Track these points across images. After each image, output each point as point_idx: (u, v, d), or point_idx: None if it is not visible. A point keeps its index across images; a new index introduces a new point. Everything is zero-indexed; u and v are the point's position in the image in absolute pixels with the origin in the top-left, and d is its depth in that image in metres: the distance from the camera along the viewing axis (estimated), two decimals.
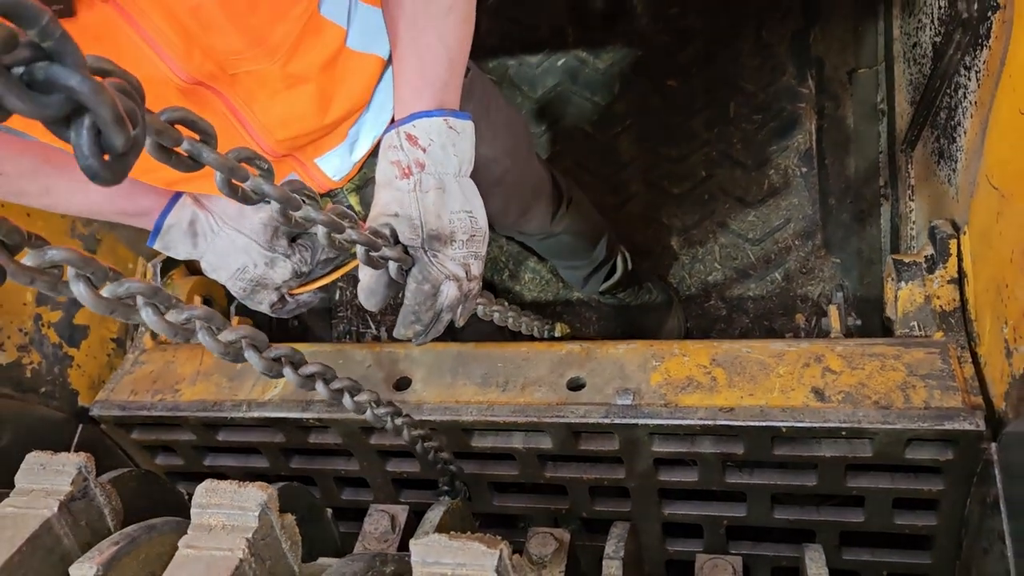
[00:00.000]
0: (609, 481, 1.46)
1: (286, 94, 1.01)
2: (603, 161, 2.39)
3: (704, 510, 1.49)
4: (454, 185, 1.02)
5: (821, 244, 2.22)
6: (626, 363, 1.47)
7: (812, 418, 1.22)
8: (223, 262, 1.17)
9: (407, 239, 0.99)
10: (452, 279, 1.00)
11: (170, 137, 0.67)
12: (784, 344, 1.44)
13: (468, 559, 0.80)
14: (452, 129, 1.02)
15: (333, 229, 0.86)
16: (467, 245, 1.02)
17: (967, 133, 1.43)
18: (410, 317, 1.02)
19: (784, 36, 2.30)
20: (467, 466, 1.53)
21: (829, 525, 1.42)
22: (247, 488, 0.95)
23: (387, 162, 1.02)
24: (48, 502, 1.03)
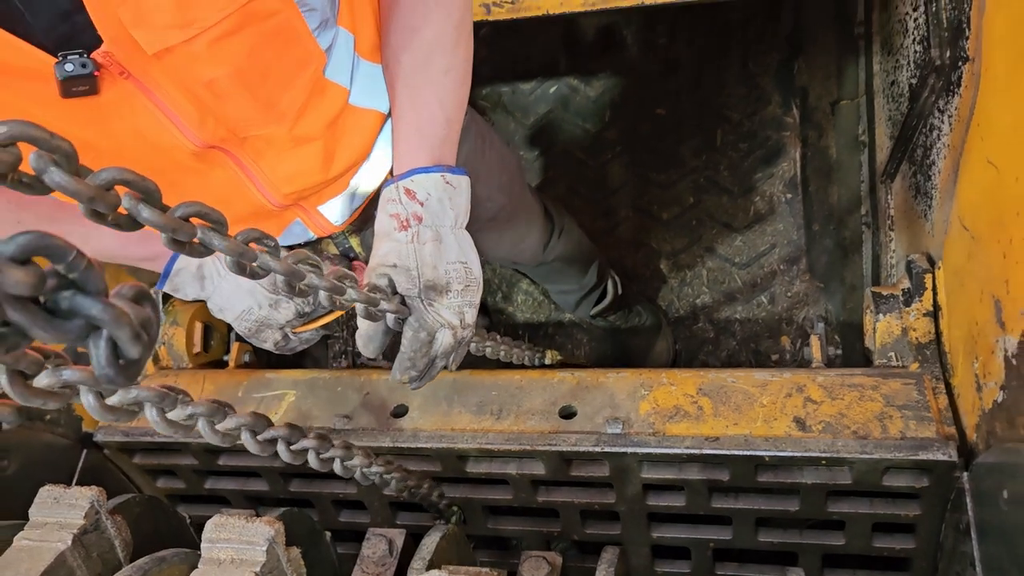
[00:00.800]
0: (600, 505, 1.51)
1: (293, 152, 1.06)
2: (594, 186, 2.45)
3: (691, 533, 1.54)
4: (450, 237, 1.07)
5: (806, 269, 2.29)
6: (616, 392, 1.53)
7: (794, 447, 1.28)
8: (229, 304, 1.22)
9: (404, 289, 1.03)
10: (447, 327, 1.04)
11: (185, 232, 0.71)
12: (768, 374, 1.50)
13: None
14: (449, 184, 1.07)
15: (335, 293, 0.91)
16: (462, 294, 1.06)
17: (941, 173, 1.49)
18: (406, 363, 1.06)
19: (769, 66, 2.36)
20: (462, 491, 1.58)
21: (811, 548, 1.48)
22: (255, 523, 1.00)
23: (386, 215, 1.06)
24: (62, 535, 1.07)
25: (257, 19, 0.88)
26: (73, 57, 0.80)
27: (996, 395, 1.18)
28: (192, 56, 0.86)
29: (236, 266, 0.80)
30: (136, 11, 0.79)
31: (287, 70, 0.96)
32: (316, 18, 0.95)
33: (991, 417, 1.21)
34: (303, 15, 0.93)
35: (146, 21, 0.81)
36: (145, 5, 0.79)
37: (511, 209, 1.62)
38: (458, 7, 1.08)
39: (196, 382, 1.78)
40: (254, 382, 1.74)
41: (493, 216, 1.59)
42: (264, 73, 0.94)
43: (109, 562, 1.14)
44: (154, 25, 0.81)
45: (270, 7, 0.88)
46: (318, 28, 0.97)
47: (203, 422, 0.83)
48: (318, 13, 0.95)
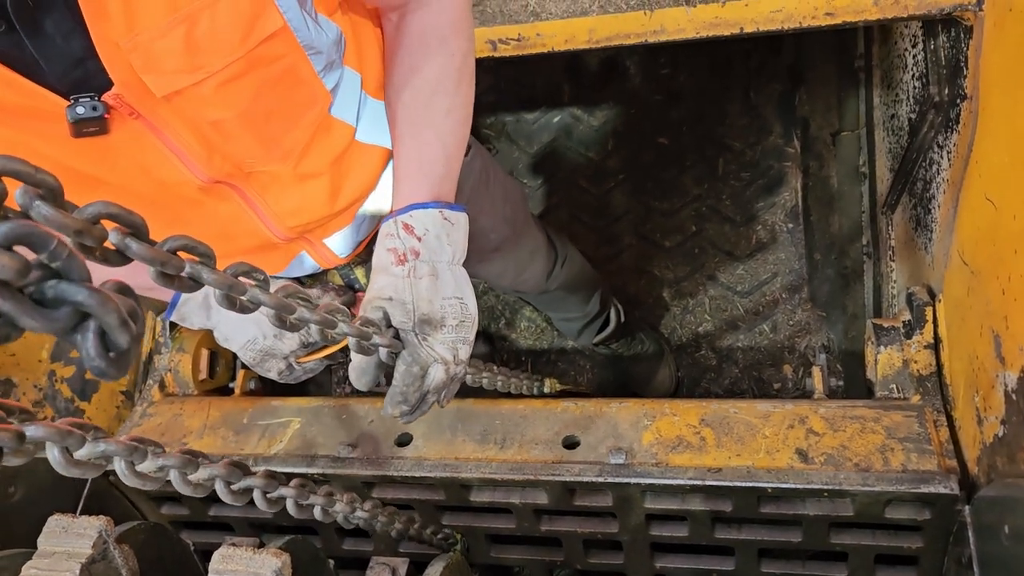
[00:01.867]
0: (603, 535, 1.52)
1: (298, 187, 1.08)
2: (597, 214, 2.48)
3: (694, 563, 1.54)
4: (447, 273, 1.07)
5: (807, 298, 2.30)
6: (619, 422, 1.54)
7: (796, 479, 1.28)
8: (234, 334, 1.24)
9: (399, 322, 1.03)
10: (440, 362, 1.04)
11: (173, 266, 0.71)
12: (770, 405, 1.51)
13: None
14: (447, 220, 1.08)
15: (326, 326, 0.90)
16: (456, 330, 1.07)
17: (941, 207, 1.51)
18: (397, 397, 1.06)
19: (771, 97, 2.39)
20: (465, 519, 1.58)
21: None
22: (262, 554, 1.01)
23: (384, 249, 1.07)
24: (70, 565, 1.08)
25: (263, 63, 0.90)
26: (85, 100, 0.83)
27: (997, 429, 1.19)
28: (200, 98, 0.88)
29: (225, 300, 0.81)
30: (147, 57, 0.81)
31: (292, 111, 0.99)
32: (322, 60, 0.97)
33: (992, 451, 1.22)
34: (309, 58, 0.95)
35: (156, 66, 0.83)
36: (155, 51, 0.81)
37: (515, 239, 1.64)
38: (460, 49, 1.10)
39: (201, 409, 1.79)
40: (259, 410, 1.75)
41: (497, 247, 1.61)
42: (269, 114, 0.96)
43: None
44: (163, 70, 0.84)
45: (276, 52, 0.90)
46: (324, 70, 0.99)
47: (175, 474, 0.82)
48: (324, 55, 0.97)
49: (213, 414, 1.77)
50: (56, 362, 1.65)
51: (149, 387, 1.88)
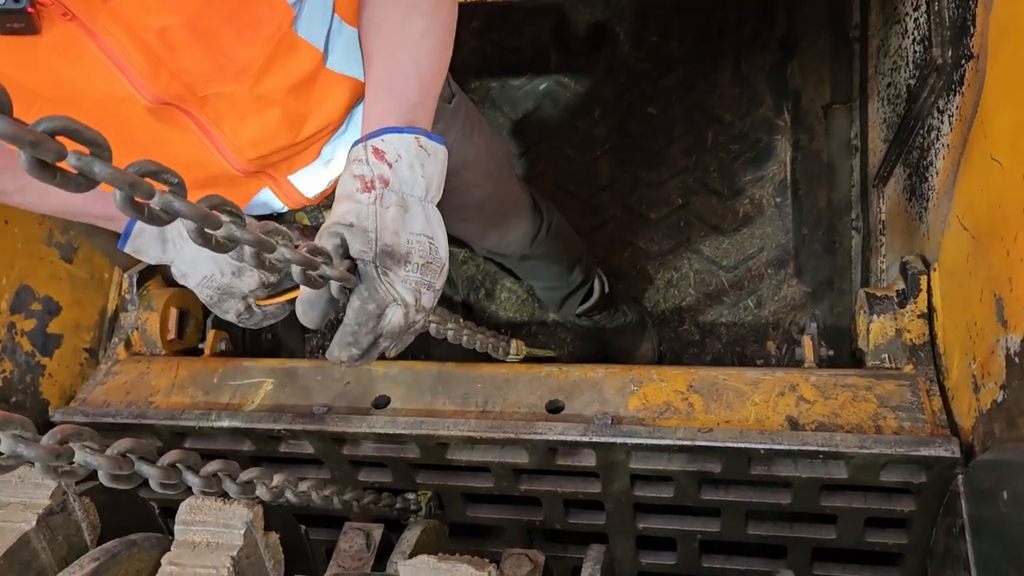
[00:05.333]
0: (584, 495, 1.47)
1: (256, 116, 1.00)
2: (581, 183, 2.43)
3: (678, 524, 1.51)
4: (418, 208, 0.97)
5: (793, 273, 2.27)
6: (604, 387, 1.49)
7: (790, 441, 1.24)
8: (191, 269, 1.16)
9: (357, 251, 0.92)
10: (400, 303, 0.93)
11: (142, 191, 0.65)
12: (760, 372, 1.47)
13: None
14: (423, 149, 0.99)
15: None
16: (422, 271, 0.96)
17: (939, 174, 1.48)
18: (347, 338, 0.94)
19: (762, 68, 2.35)
20: (441, 478, 1.53)
21: (801, 542, 1.45)
22: (232, 506, 0.95)
23: (350, 175, 0.97)
24: (26, 515, 1.02)
25: None
26: None
27: (996, 395, 1.16)
28: (142, 2, 0.81)
29: (199, 235, 0.74)
30: None
31: (247, 22, 0.90)
32: None
33: (989, 418, 1.19)
34: None
35: None
36: None
37: (499, 198, 1.58)
38: None
39: (170, 368, 1.72)
40: (230, 370, 1.68)
41: (480, 204, 1.55)
42: (220, 24, 0.88)
43: (76, 546, 1.09)
44: None
45: None
46: None
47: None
48: None
49: (181, 373, 1.70)
50: (16, 314, 1.57)
51: (114, 345, 1.80)
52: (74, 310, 1.72)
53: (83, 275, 1.75)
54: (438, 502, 1.56)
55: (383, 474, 1.57)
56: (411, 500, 1.50)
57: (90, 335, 1.76)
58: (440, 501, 1.57)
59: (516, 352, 1.66)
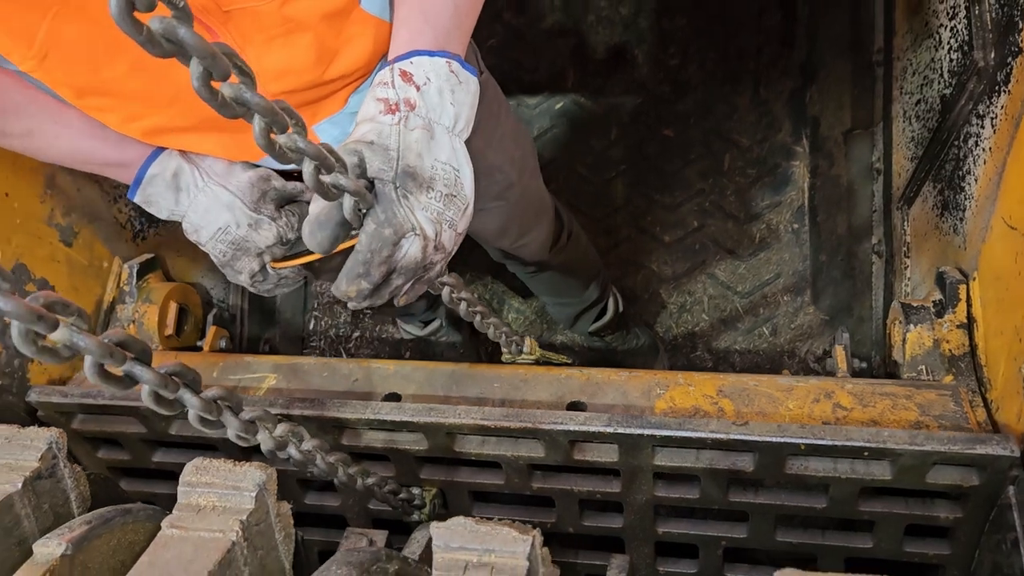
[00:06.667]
0: (602, 495, 1.37)
1: (283, 40, 0.94)
2: (595, 203, 2.38)
3: (702, 529, 1.41)
4: (445, 137, 0.89)
5: (810, 300, 2.22)
6: (628, 390, 1.42)
7: (834, 436, 1.16)
8: (205, 220, 1.10)
9: (376, 170, 0.83)
10: (418, 233, 0.84)
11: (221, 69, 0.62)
12: (792, 379, 1.40)
13: (498, 545, 0.73)
14: (454, 75, 0.90)
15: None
16: (446, 202, 0.87)
17: (978, 180, 1.44)
18: (358, 269, 0.84)
19: (781, 94, 2.33)
20: (448, 473, 1.43)
21: (834, 550, 1.35)
22: (244, 467, 0.86)
23: (373, 99, 0.89)
24: (11, 477, 0.93)
25: None
26: None
27: None
28: None
29: (263, 137, 0.69)
30: None
31: None
32: None
33: None
34: None
35: None
36: None
37: (520, 190, 1.52)
38: None
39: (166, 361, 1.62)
40: (231, 364, 1.59)
41: (502, 194, 1.49)
42: None
43: (61, 517, 0.99)
44: None
45: None
46: None
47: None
48: None
49: None
50: None
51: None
52: (70, 296, 1.62)
53: (82, 261, 1.67)
54: (442, 500, 1.46)
55: (385, 468, 1.46)
56: (416, 494, 1.40)
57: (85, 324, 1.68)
58: (444, 499, 1.47)
59: (529, 351, 1.57)
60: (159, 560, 0.78)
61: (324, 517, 1.54)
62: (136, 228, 1.82)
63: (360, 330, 2.47)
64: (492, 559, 0.73)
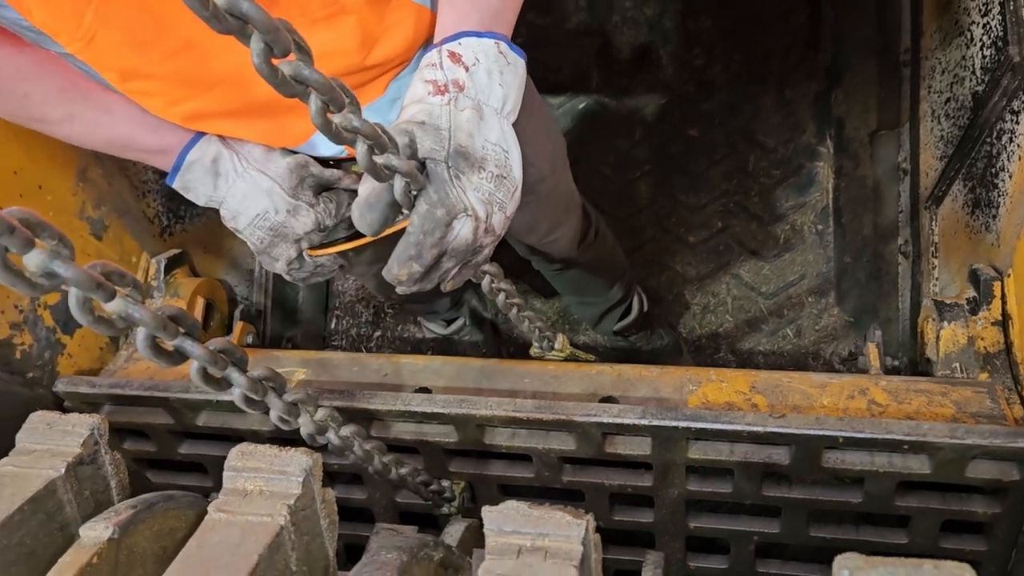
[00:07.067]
0: (633, 488, 1.36)
1: (327, 23, 0.94)
2: (619, 204, 2.37)
3: (734, 524, 1.40)
4: (494, 119, 0.88)
5: (834, 302, 2.21)
6: (660, 386, 1.41)
7: (873, 429, 1.15)
8: (243, 206, 1.10)
9: (428, 150, 0.82)
10: (470, 214, 0.83)
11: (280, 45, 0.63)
12: (826, 376, 1.39)
13: (552, 529, 0.72)
14: (503, 56, 0.90)
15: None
16: (496, 183, 0.86)
17: (1012, 176, 1.43)
18: (410, 251, 0.83)
19: (807, 95, 2.33)
20: (477, 466, 1.42)
21: (868, 546, 1.34)
22: (289, 452, 0.86)
23: (421, 80, 0.88)
24: (54, 462, 0.92)
25: None
26: None
27: None
28: None
29: (320, 115, 0.69)
30: None
31: None
32: None
33: None
34: None
35: None
36: None
37: (552, 185, 1.51)
38: None
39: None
40: (260, 359, 1.59)
41: (533, 187, 1.48)
42: None
43: (102, 504, 0.99)
44: None
45: None
46: None
47: None
48: None
49: None
50: None
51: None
52: None
53: (112, 255, 1.67)
54: (471, 494, 1.46)
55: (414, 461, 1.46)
56: (446, 487, 1.40)
57: None
58: (473, 493, 1.46)
59: (560, 348, 1.56)
60: (207, 543, 0.78)
61: (349, 510, 1.53)
62: (163, 223, 1.82)
63: (381, 329, 2.47)
64: (546, 543, 0.72)
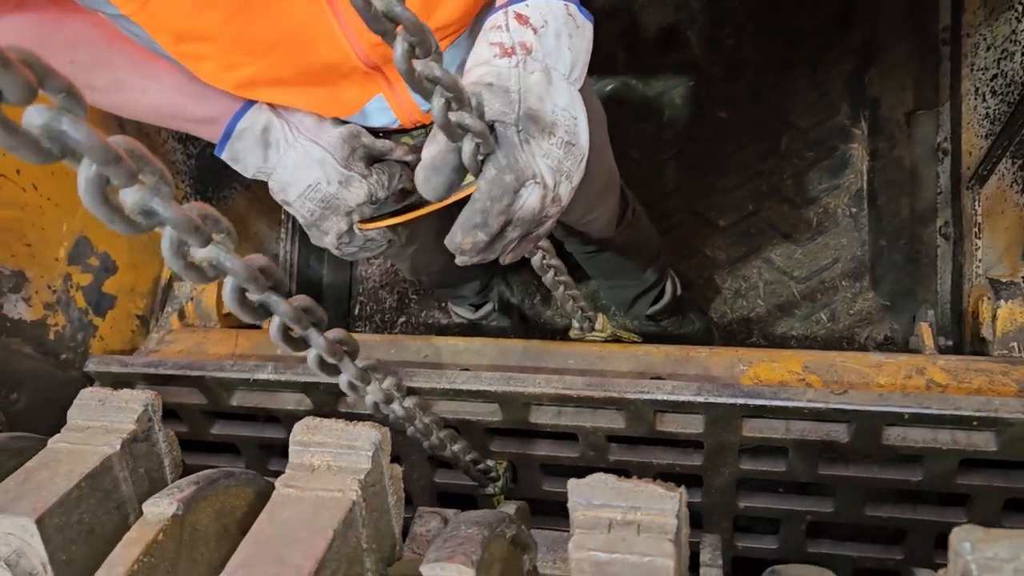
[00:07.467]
0: (682, 468, 1.33)
1: None
2: (647, 187, 2.34)
3: (786, 504, 1.36)
4: (562, 83, 0.84)
5: (869, 286, 2.17)
6: (711, 365, 1.37)
7: (940, 405, 1.12)
8: (294, 177, 1.06)
9: (497, 112, 0.78)
10: (539, 182, 0.79)
11: None
12: (881, 356, 1.35)
13: (644, 502, 0.69)
14: (572, 18, 0.86)
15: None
16: (565, 151, 0.81)
17: None
18: (476, 218, 0.79)
19: (840, 75, 2.29)
20: (520, 445, 1.38)
21: (926, 525, 1.31)
22: (357, 426, 0.82)
23: (486, 43, 0.84)
24: (109, 439, 0.89)
25: None
26: None
27: None
28: None
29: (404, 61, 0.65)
30: None
31: None
32: None
33: None
34: None
35: None
36: None
37: (596, 160, 1.47)
38: None
39: (228, 339, 1.59)
40: None
41: None
42: None
43: (156, 483, 0.96)
44: None
45: None
46: None
47: None
48: None
49: (242, 343, 1.57)
50: (73, 265, 1.46)
51: (167, 315, 1.68)
52: (130, 272, 1.60)
53: (142, 237, 1.63)
54: (512, 474, 1.42)
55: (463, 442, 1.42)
56: (491, 466, 1.36)
57: (144, 302, 1.65)
58: (515, 473, 1.43)
59: (600, 328, 1.53)
60: (278, 519, 0.74)
61: None
62: None
63: (405, 315, 2.43)
64: (638, 517, 0.69)
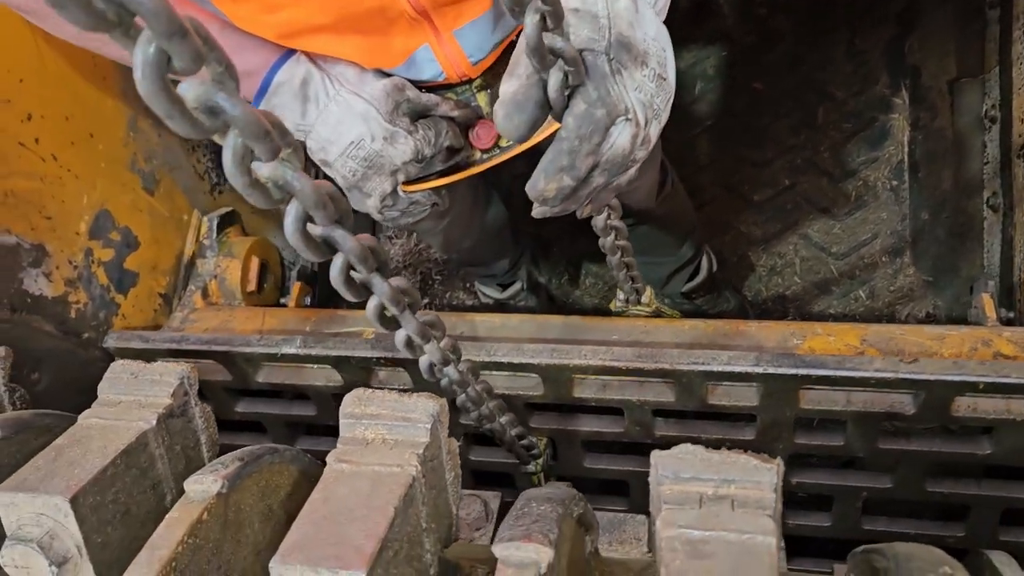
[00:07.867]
0: (732, 442, 1.26)
1: None
2: (679, 162, 2.25)
3: (840, 480, 1.30)
4: (649, 12, 0.76)
5: (910, 262, 2.10)
6: (763, 339, 1.31)
7: (1020, 373, 1.05)
8: (336, 133, 0.99)
9: (585, 39, 0.69)
10: (631, 119, 0.71)
11: None
12: (942, 328, 1.29)
13: (738, 474, 0.63)
14: None
15: None
16: (657, 84, 0.73)
17: None
18: (562, 160, 0.71)
19: (878, 43, 2.21)
20: (561, 421, 1.33)
21: (991, 501, 1.25)
22: (413, 397, 0.76)
23: None
24: (143, 414, 0.83)
25: None
26: None
27: None
28: None
29: None
30: None
31: None
32: None
33: None
34: None
35: None
36: None
37: None
38: None
39: (255, 317, 1.54)
40: (324, 319, 1.50)
41: None
42: None
43: (193, 461, 0.90)
44: None
45: None
46: None
47: None
48: None
49: (269, 321, 1.52)
50: (95, 239, 1.40)
51: (191, 293, 1.63)
52: (152, 248, 1.55)
53: (163, 212, 1.58)
54: (552, 451, 1.37)
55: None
56: (533, 442, 1.31)
57: (166, 280, 1.59)
58: (555, 450, 1.37)
59: (647, 302, 1.47)
60: (334, 495, 0.68)
61: None
62: (213, 180, 1.73)
63: (429, 296, 2.37)
64: (732, 490, 0.62)
